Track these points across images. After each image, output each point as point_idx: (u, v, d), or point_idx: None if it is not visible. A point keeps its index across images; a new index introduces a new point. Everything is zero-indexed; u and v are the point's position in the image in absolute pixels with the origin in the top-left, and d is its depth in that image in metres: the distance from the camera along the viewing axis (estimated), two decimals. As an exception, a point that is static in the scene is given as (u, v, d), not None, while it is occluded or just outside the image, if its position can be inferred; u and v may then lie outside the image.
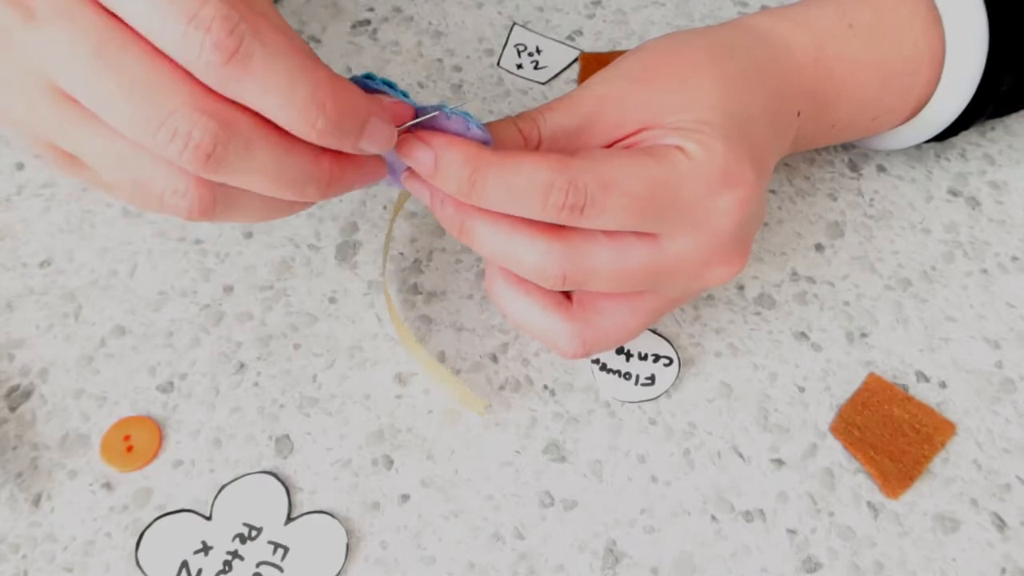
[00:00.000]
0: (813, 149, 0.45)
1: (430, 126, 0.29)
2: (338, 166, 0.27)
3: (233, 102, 0.24)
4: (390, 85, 0.29)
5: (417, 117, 0.29)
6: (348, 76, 0.28)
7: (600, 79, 0.33)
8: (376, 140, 0.26)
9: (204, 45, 0.23)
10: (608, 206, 0.29)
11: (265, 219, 0.29)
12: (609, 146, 0.32)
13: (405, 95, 0.29)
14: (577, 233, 0.30)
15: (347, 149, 0.26)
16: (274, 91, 0.24)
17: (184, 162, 0.24)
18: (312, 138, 0.25)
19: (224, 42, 0.23)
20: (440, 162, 0.28)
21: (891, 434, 0.37)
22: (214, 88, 0.24)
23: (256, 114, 0.25)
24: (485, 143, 0.30)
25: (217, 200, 0.26)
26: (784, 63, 0.35)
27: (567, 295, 0.33)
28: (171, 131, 0.24)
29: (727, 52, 0.34)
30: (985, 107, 0.39)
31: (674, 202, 0.30)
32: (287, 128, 0.25)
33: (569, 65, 0.49)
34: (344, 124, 0.25)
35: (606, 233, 0.30)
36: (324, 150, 0.26)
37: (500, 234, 0.30)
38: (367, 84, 0.29)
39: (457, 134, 0.29)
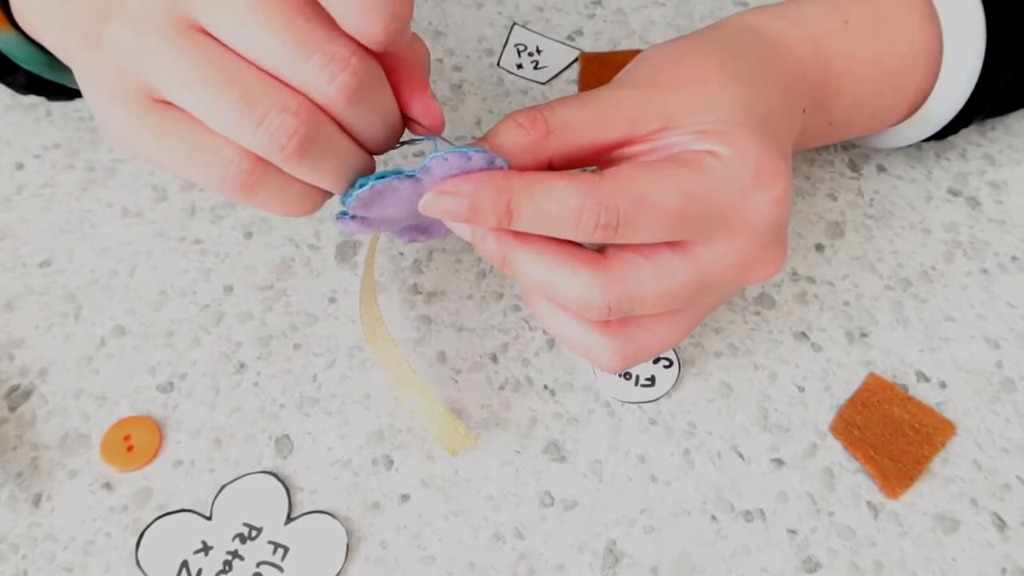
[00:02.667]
0: (813, 149, 0.45)
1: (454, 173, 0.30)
2: None
3: None
4: (384, 175, 0.29)
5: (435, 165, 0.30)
6: (351, 190, 0.29)
7: (610, 87, 0.33)
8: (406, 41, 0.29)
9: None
10: (642, 223, 0.29)
11: (337, 182, 0.30)
12: (628, 143, 0.31)
13: (399, 172, 0.30)
14: (619, 261, 0.30)
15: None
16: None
17: (327, 78, 0.26)
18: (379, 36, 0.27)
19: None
20: (474, 204, 0.29)
21: (891, 434, 0.37)
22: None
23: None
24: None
25: (319, 132, 0.27)
26: (786, 60, 0.35)
27: None
28: (314, 53, 0.26)
29: (732, 53, 0.33)
30: (984, 103, 0.39)
31: (709, 210, 0.29)
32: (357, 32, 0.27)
33: (569, 65, 0.49)
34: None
35: (645, 255, 0.30)
36: None
37: (542, 267, 0.30)
38: (373, 182, 0.29)
39: (481, 170, 0.29)
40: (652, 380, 0.38)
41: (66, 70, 0.38)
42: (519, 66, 0.48)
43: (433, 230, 0.35)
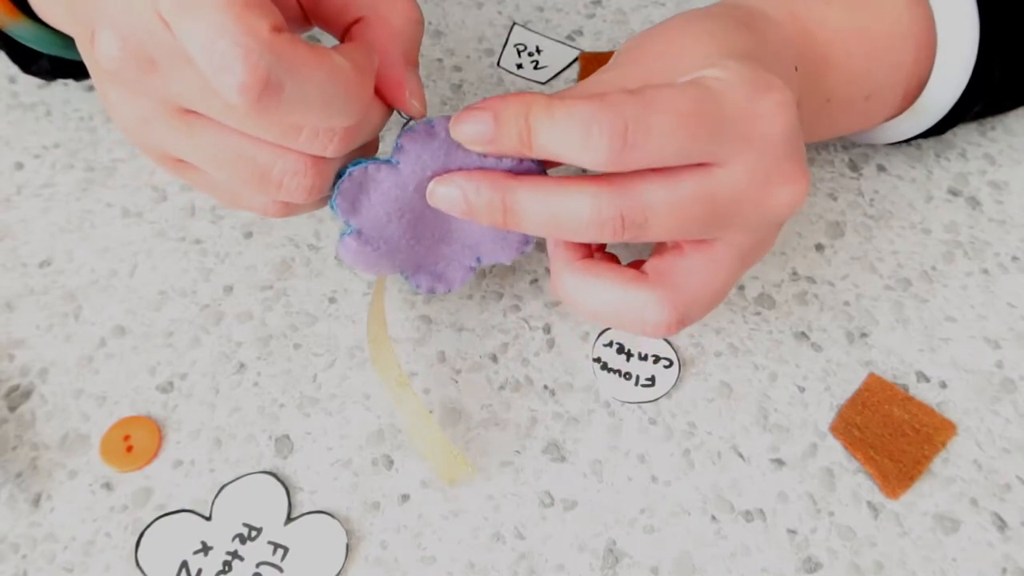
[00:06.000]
0: (813, 148, 0.45)
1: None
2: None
3: None
4: (360, 162, 0.31)
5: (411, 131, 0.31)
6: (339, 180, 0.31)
7: (589, 79, 0.33)
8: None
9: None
10: (653, 126, 0.27)
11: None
12: None
13: (375, 159, 0.31)
14: (625, 175, 0.29)
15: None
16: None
17: (319, 148, 0.29)
18: (353, 122, 0.29)
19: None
20: (501, 120, 0.29)
21: (891, 434, 0.37)
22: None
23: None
24: None
25: (328, 176, 0.30)
26: (761, 22, 0.35)
27: (642, 271, 0.31)
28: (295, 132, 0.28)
29: (702, 18, 0.33)
30: (980, 91, 0.39)
31: (720, 117, 0.28)
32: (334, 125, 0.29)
33: (569, 65, 0.49)
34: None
35: (655, 169, 0.29)
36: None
37: (545, 197, 0.29)
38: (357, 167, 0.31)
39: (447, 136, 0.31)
40: (652, 380, 0.38)
41: None
42: (519, 66, 0.48)
43: (449, 276, 0.36)
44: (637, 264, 0.33)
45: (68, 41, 0.38)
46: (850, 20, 0.37)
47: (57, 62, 0.40)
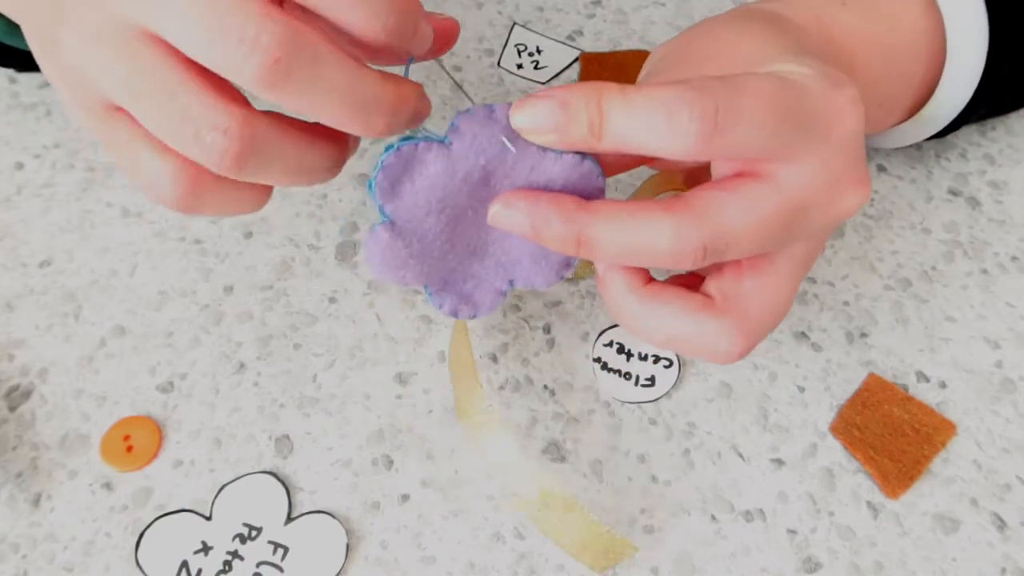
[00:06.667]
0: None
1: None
2: (398, 92, 0.27)
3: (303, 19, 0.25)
4: (411, 139, 0.28)
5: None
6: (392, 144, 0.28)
7: (642, 77, 0.32)
8: (422, 40, 0.28)
9: None
10: (744, 111, 0.26)
11: (293, 181, 0.28)
12: None
13: (428, 137, 0.28)
14: (700, 200, 0.27)
15: (401, 48, 0.27)
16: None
17: (249, 71, 0.24)
18: (380, 36, 0.25)
19: None
20: (569, 106, 0.26)
21: (891, 434, 0.37)
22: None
23: (324, 32, 0.25)
24: None
25: (255, 148, 0.26)
26: (787, 26, 0.34)
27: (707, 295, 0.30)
28: (238, 36, 0.24)
29: (736, 20, 0.33)
30: (987, 98, 0.39)
31: (804, 108, 0.27)
32: (355, 30, 0.25)
33: (569, 65, 0.49)
34: (405, 24, 0.26)
35: (727, 190, 0.28)
36: (386, 77, 0.27)
37: (621, 228, 0.27)
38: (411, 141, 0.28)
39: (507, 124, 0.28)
40: (652, 380, 0.38)
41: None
42: (519, 66, 0.48)
43: (476, 299, 0.32)
44: (692, 281, 0.31)
45: (9, 25, 0.37)
46: (868, 27, 0.37)
47: (1, 50, 0.40)
